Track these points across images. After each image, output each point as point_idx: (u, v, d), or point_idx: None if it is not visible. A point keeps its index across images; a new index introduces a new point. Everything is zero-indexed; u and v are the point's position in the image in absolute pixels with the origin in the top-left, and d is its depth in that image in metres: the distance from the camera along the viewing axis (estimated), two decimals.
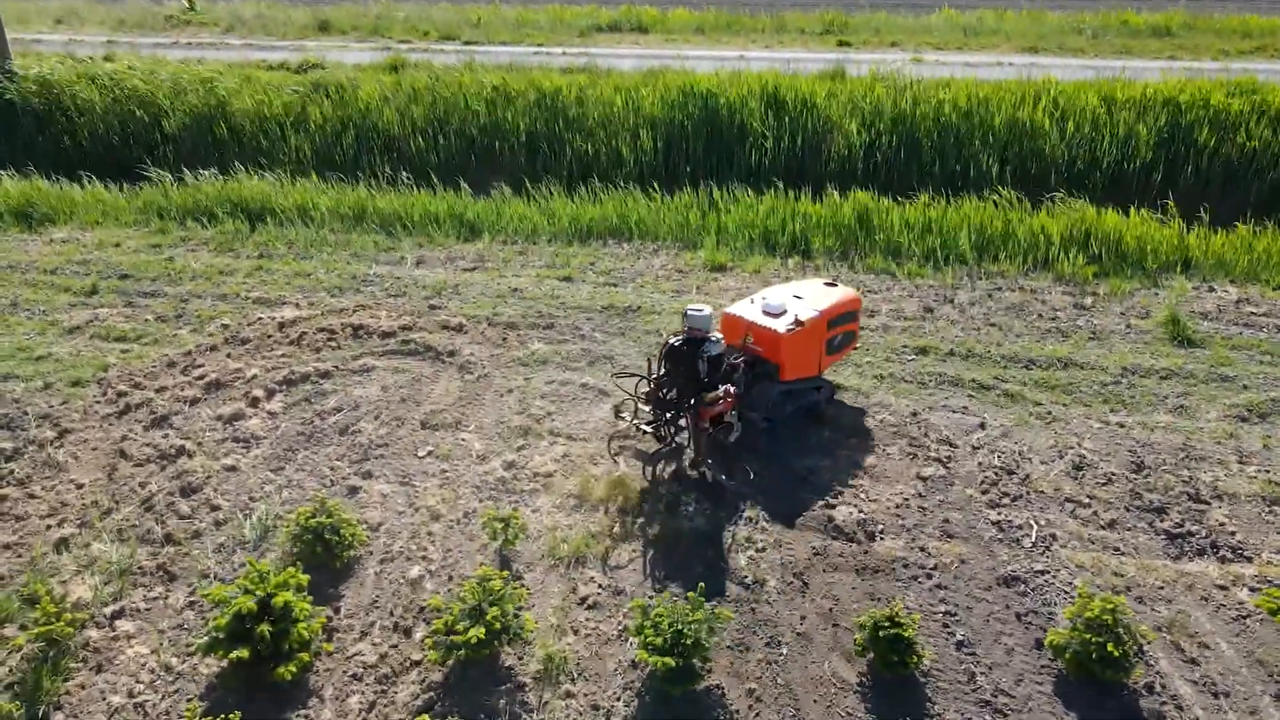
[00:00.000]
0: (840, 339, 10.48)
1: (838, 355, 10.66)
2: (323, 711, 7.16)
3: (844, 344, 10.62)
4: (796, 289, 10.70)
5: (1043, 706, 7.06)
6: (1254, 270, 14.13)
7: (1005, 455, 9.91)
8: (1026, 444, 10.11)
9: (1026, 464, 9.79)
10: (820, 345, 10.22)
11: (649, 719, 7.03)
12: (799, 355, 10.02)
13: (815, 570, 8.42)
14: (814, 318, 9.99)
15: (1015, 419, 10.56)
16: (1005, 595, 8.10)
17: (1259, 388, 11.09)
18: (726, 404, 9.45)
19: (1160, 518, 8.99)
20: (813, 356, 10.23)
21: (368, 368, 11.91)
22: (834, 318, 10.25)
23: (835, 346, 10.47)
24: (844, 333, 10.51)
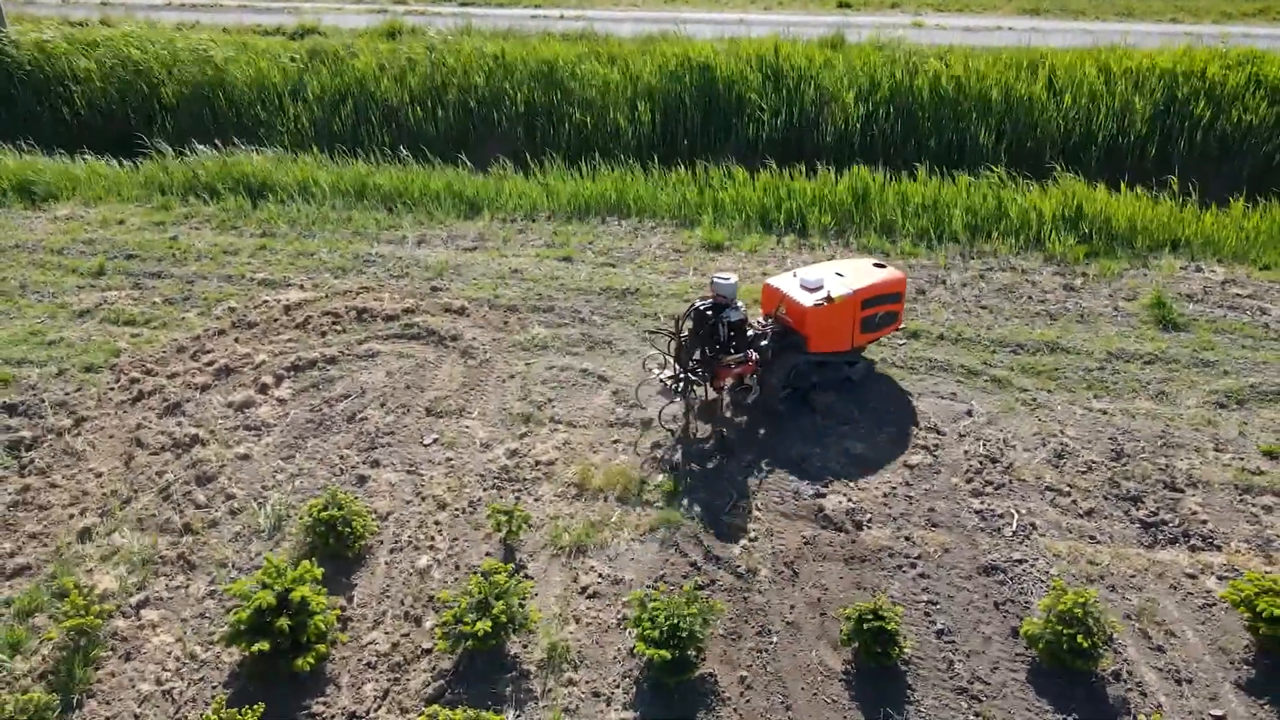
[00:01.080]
0: (879, 318, 10.80)
1: (876, 334, 11.02)
2: (340, 699, 7.63)
3: (883, 324, 10.93)
4: (841, 266, 11.05)
5: (1016, 694, 7.52)
6: (1243, 249, 14.36)
7: (991, 443, 10.27)
8: (1011, 431, 10.47)
9: (1011, 452, 10.16)
10: (852, 323, 10.59)
11: (647, 706, 7.49)
12: (827, 330, 10.44)
13: (805, 559, 8.84)
14: (846, 296, 10.37)
15: (1001, 406, 10.90)
16: (985, 584, 8.53)
17: (1239, 373, 11.42)
18: (745, 368, 10.21)
19: (1136, 506, 9.39)
20: (844, 333, 10.61)
21: (373, 353, 12.22)
22: (870, 298, 10.59)
23: (873, 325, 10.81)
24: (883, 313, 10.82)
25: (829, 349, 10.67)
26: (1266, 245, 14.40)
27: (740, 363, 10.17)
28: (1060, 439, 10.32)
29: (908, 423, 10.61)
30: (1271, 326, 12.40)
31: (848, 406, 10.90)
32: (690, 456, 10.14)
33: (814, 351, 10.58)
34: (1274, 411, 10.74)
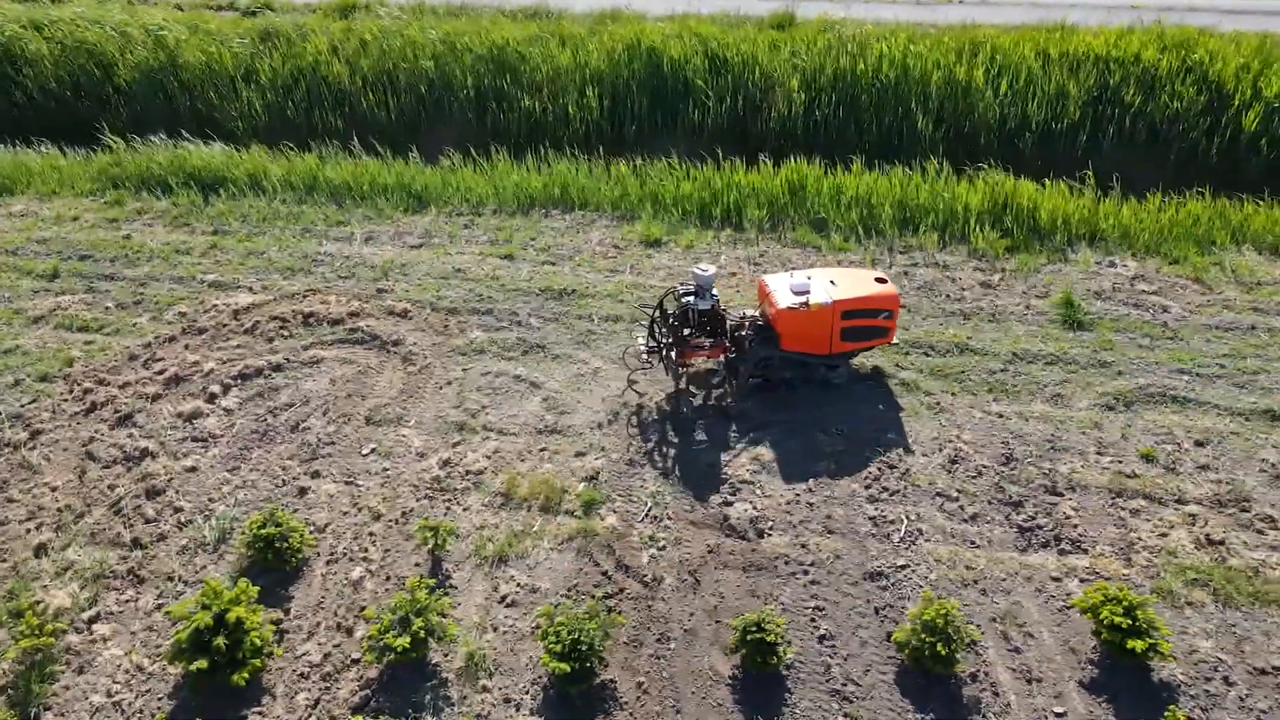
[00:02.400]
0: (861, 331, 11.41)
1: (861, 344, 11.61)
2: (274, 708, 8.41)
3: (867, 336, 11.50)
4: (838, 275, 11.67)
5: (883, 695, 8.38)
6: (1156, 243, 14.97)
7: (891, 449, 11.01)
8: (913, 436, 11.21)
9: (909, 457, 10.91)
10: (830, 330, 11.28)
11: (552, 711, 8.30)
12: (800, 332, 11.25)
13: (708, 568, 9.62)
14: (824, 304, 11.09)
15: (908, 410, 11.62)
16: (868, 590, 9.34)
17: (1131, 374, 12.15)
18: (712, 352, 11.55)
19: (1016, 511, 10.19)
20: (820, 337, 11.34)
21: (317, 359, 12.80)
22: (852, 310, 11.22)
23: (856, 336, 11.44)
24: (867, 326, 11.40)
25: (804, 350, 11.45)
26: (1180, 239, 15.02)
27: (706, 347, 11.47)
28: (956, 444, 11.06)
29: (817, 428, 11.31)
30: (1170, 325, 13.11)
31: (763, 411, 11.59)
32: (611, 466, 10.85)
33: (788, 349, 11.40)
34: (1157, 413, 11.50)
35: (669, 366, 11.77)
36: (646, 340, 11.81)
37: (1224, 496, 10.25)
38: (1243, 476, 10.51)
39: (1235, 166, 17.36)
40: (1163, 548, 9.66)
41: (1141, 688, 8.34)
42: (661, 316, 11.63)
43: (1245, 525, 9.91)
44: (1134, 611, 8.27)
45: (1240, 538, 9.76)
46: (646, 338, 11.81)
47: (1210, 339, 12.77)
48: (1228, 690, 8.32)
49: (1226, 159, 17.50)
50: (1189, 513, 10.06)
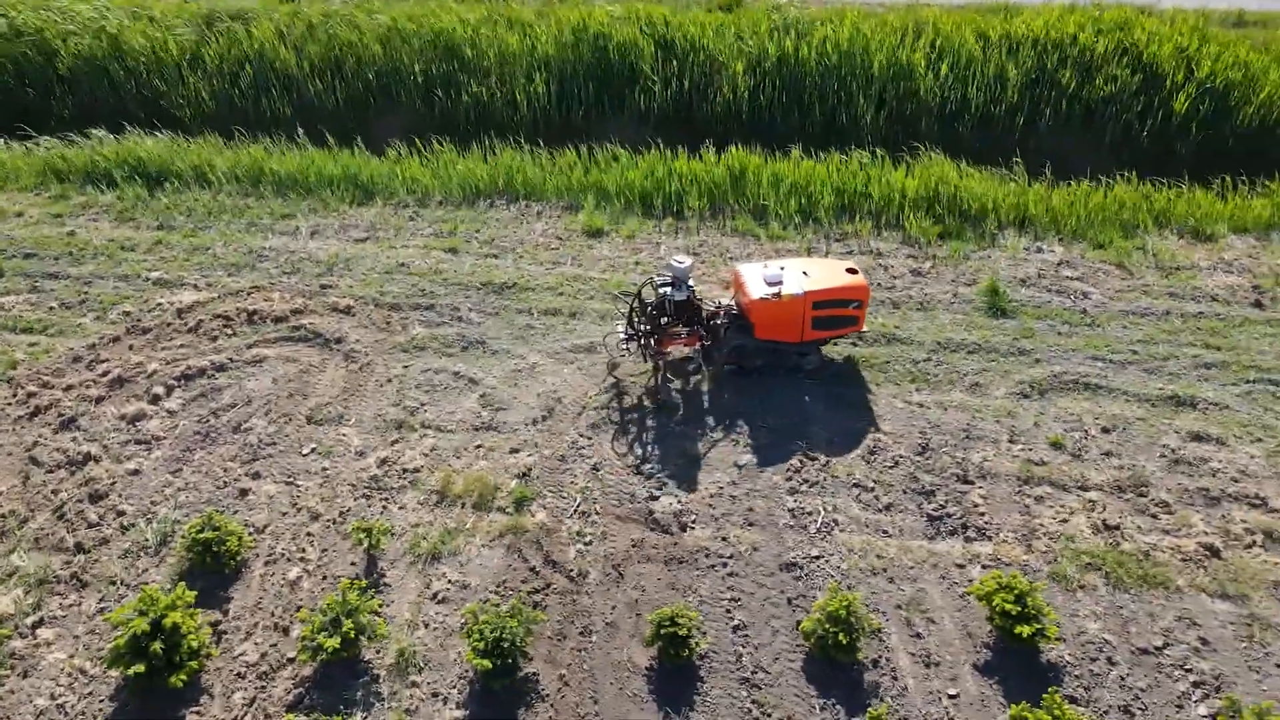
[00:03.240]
0: (831, 320, 11.85)
1: (832, 333, 12.07)
2: (212, 708, 8.82)
3: (839, 325, 11.96)
4: (811, 265, 12.10)
5: (790, 681, 8.89)
6: (1084, 228, 15.40)
7: (814, 441, 11.46)
8: (836, 427, 11.65)
9: (831, 449, 11.36)
10: (801, 319, 11.73)
11: (477, 705, 8.76)
12: (771, 320, 11.73)
13: (631, 562, 10.06)
14: (795, 295, 11.53)
15: (832, 401, 12.04)
16: (783, 580, 9.83)
17: (1048, 361, 12.63)
18: (687, 341, 12.09)
19: (928, 500, 10.68)
20: (792, 326, 11.80)
21: (260, 358, 13.04)
22: (822, 300, 11.67)
23: (826, 325, 11.88)
24: (836, 315, 11.84)
25: (777, 338, 11.92)
26: (1105, 223, 15.46)
27: (678, 334, 12.00)
28: (876, 435, 11.52)
29: (745, 421, 11.73)
30: (1089, 311, 13.58)
31: (693, 404, 12.00)
32: (543, 462, 11.23)
33: (760, 338, 11.89)
34: (1070, 400, 12.01)
35: (647, 354, 12.18)
36: (625, 328, 12.18)
37: (1124, 482, 10.79)
38: (1144, 462, 11.04)
39: (1167, 149, 17.78)
40: (1062, 533, 10.20)
41: (1030, 669, 8.89)
42: (640, 305, 11.99)
43: (1141, 510, 10.47)
44: (1024, 598, 8.80)
45: (1135, 522, 10.31)
46: (625, 326, 12.18)
47: (1126, 325, 13.27)
48: (1110, 670, 8.90)
49: (1159, 141, 17.91)
50: (1090, 499, 10.60)
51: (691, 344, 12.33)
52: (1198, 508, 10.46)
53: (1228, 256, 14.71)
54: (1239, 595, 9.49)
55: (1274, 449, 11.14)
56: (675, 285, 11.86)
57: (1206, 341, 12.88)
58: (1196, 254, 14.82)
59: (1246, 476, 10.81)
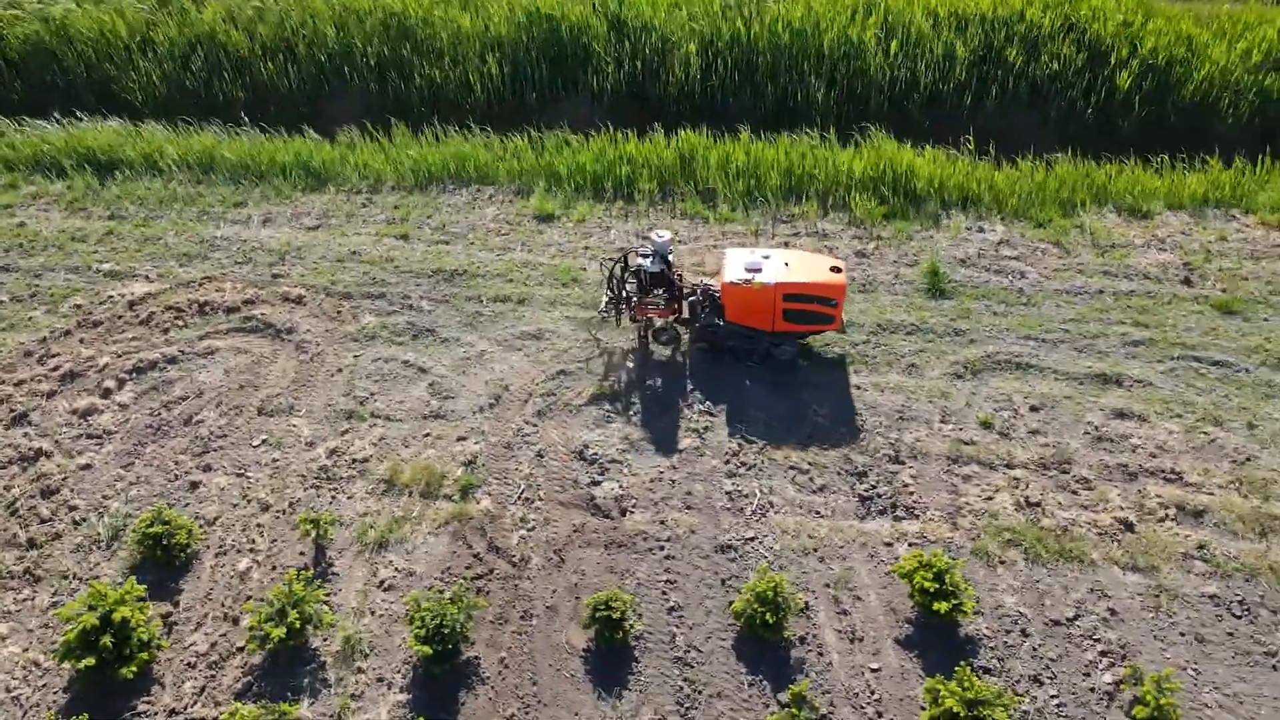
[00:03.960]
0: (803, 314, 11.98)
1: (805, 327, 12.17)
2: (163, 697, 9.12)
3: (812, 320, 12.05)
4: (796, 258, 12.20)
5: (721, 659, 9.30)
6: (1025, 207, 15.71)
7: (753, 424, 11.79)
8: (775, 410, 11.98)
9: (769, 432, 11.70)
10: (772, 309, 11.94)
11: (419, 689, 9.11)
12: (740, 305, 12.02)
13: (572, 546, 10.40)
14: (766, 285, 11.76)
15: (774, 384, 12.37)
16: (718, 562, 10.21)
17: (983, 341, 13.01)
18: (660, 312, 12.33)
19: (860, 481, 11.07)
20: (763, 314, 12.05)
21: (212, 349, 13.20)
22: (793, 294, 11.82)
23: (796, 318, 12.03)
24: (809, 311, 11.94)
25: (747, 323, 12.20)
26: (1046, 202, 15.78)
27: (656, 307, 12.33)
28: (814, 417, 11.87)
29: (687, 405, 12.04)
30: (1025, 291, 13.95)
31: (639, 389, 12.29)
32: (489, 449, 11.51)
33: (731, 321, 12.18)
34: (1001, 380, 12.40)
35: (629, 317, 12.61)
36: (606, 293, 12.52)
37: (1048, 460, 11.22)
38: (1068, 440, 11.48)
39: (1111, 125, 18.08)
40: (986, 511, 10.63)
41: (949, 642, 9.35)
42: (621, 271, 12.36)
43: (1063, 487, 10.91)
44: (943, 576, 9.22)
45: (1056, 499, 10.76)
46: (606, 291, 12.52)
47: (1060, 304, 13.65)
48: (1024, 641, 9.37)
49: (1103, 118, 18.20)
50: (1014, 477, 11.03)
51: (664, 316, 12.58)
52: (1116, 483, 10.91)
53: (1161, 234, 15.10)
54: (1149, 567, 9.97)
55: (1192, 424, 11.59)
56: (652, 257, 12.17)
57: (1136, 319, 13.29)
58: (1132, 231, 15.20)
59: (1164, 452, 11.26)
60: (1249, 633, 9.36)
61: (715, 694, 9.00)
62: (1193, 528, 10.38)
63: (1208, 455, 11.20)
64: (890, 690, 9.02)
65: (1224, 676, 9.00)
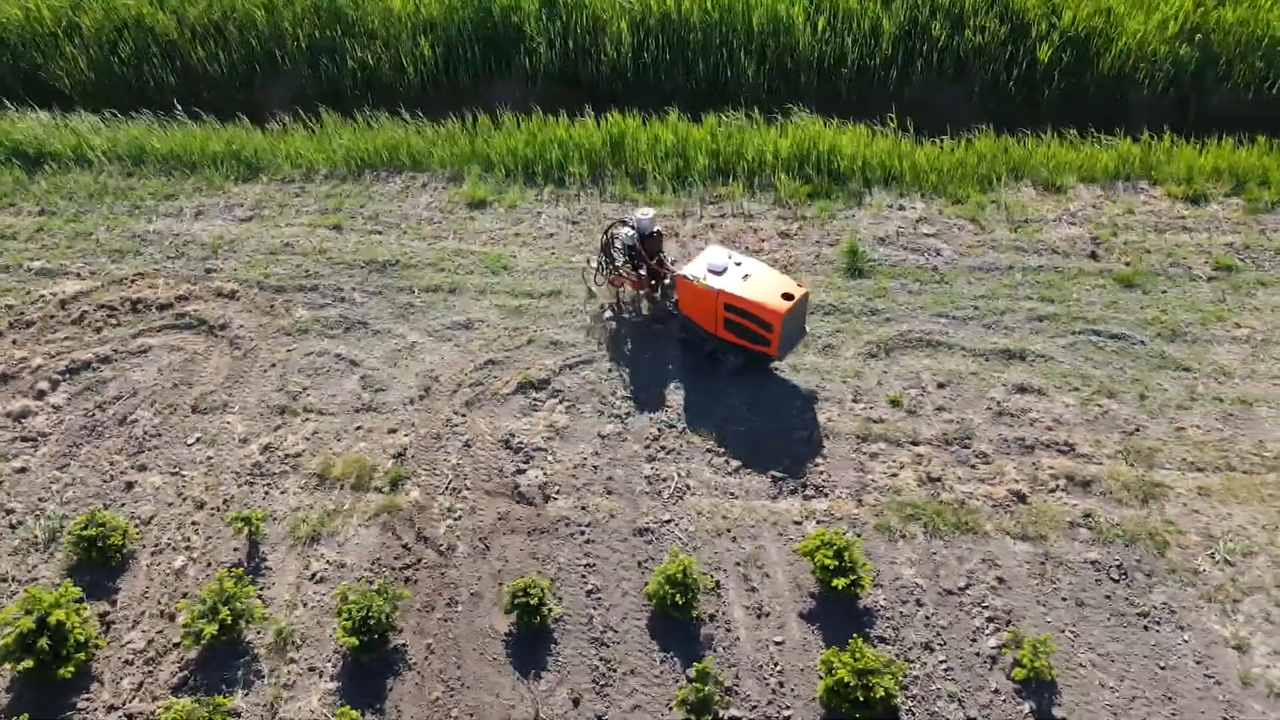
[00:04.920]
0: (742, 329, 11.93)
1: (741, 341, 12.05)
2: (101, 694, 9.54)
3: (748, 337, 11.95)
4: (762, 271, 12.07)
5: (635, 638, 9.87)
6: (944, 183, 16.17)
7: (671, 409, 12.27)
8: (695, 396, 12.46)
9: (688, 416, 12.19)
10: (714, 313, 12.09)
11: (349, 677, 9.60)
12: (688, 300, 12.45)
13: (497, 534, 10.89)
14: (710, 289, 11.94)
15: (694, 370, 12.82)
16: (635, 545, 10.74)
17: (897, 320, 13.53)
18: (632, 284, 13.19)
19: (774, 462, 11.61)
20: (707, 316, 12.30)
21: (145, 348, 13.41)
22: (732, 305, 11.77)
23: (735, 330, 12.04)
24: (746, 327, 11.85)
25: (695, 320, 12.54)
26: (964, 178, 16.25)
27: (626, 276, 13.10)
28: (732, 401, 12.36)
29: (611, 392, 12.49)
30: (940, 269, 14.47)
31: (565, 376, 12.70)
32: (419, 440, 11.91)
33: (682, 313, 12.68)
34: (912, 358, 12.95)
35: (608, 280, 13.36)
36: (598, 257, 13.32)
37: (951, 435, 11.83)
38: (971, 415, 12.08)
39: (1032, 99, 18.53)
40: (890, 487, 11.23)
41: (848, 615, 9.98)
42: (607, 241, 13.03)
43: (963, 462, 11.53)
44: (842, 553, 9.82)
45: (956, 473, 11.38)
46: (599, 255, 13.26)
47: (971, 281, 14.20)
48: (918, 611, 10.03)
49: (1025, 90, 18.63)
50: (919, 453, 11.63)
51: (637, 288, 13.27)
52: (1013, 457, 11.56)
53: (1074, 208, 15.66)
54: (1038, 536, 10.65)
55: (1087, 397, 12.24)
56: (633, 232, 12.67)
57: (1042, 295, 13.88)
58: (1046, 206, 15.74)
59: (1060, 425, 11.92)
60: (1125, 595, 10.08)
61: (629, 671, 9.58)
62: (1081, 497, 11.05)
63: (1100, 427, 11.86)
64: (792, 661, 9.65)
65: (1099, 637, 9.72)
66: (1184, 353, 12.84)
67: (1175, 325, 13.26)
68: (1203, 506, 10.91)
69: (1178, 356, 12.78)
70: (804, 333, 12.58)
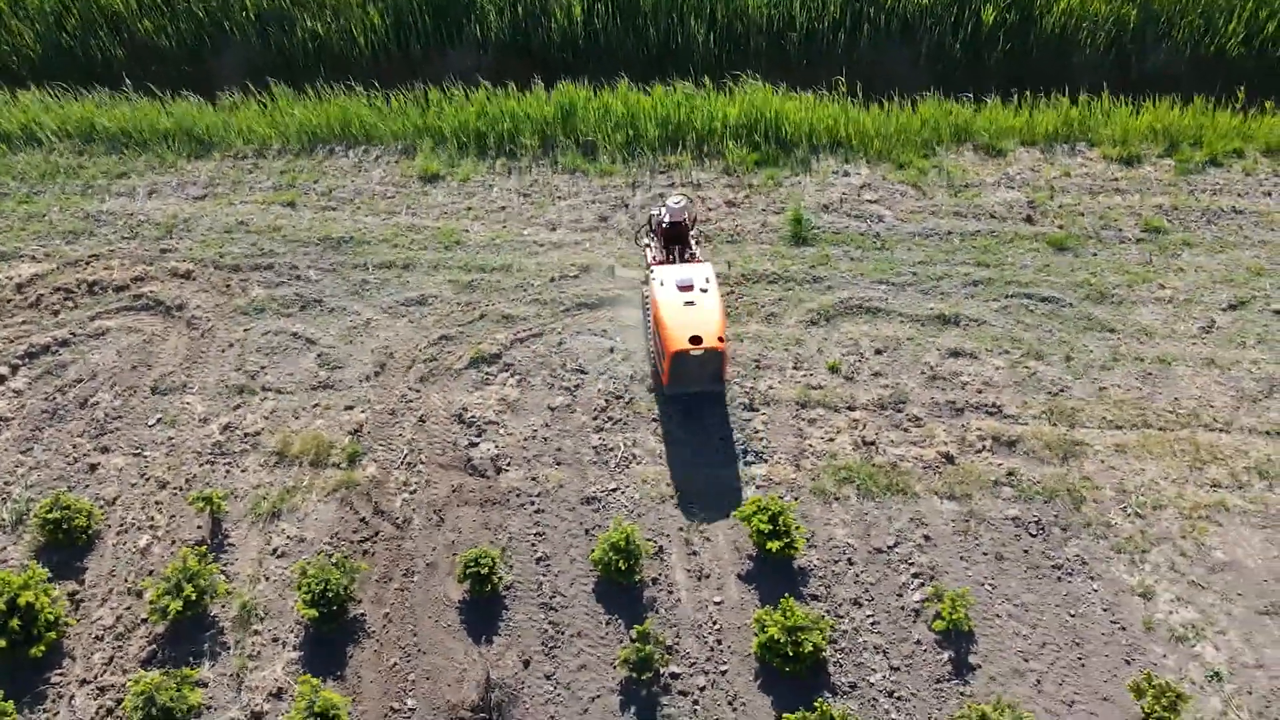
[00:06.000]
0: (654, 339, 12.10)
1: (659, 358, 11.99)
2: (74, 669, 10.01)
3: (656, 349, 12.06)
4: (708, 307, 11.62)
5: (582, 603, 10.44)
6: (888, 149, 16.53)
7: (619, 380, 12.73)
8: (638, 366, 12.90)
9: (636, 386, 12.66)
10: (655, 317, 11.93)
11: (310, 647, 10.12)
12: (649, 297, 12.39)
13: (451, 506, 11.37)
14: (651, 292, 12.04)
15: (639, 341, 13.26)
16: (583, 513, 11.26)
17: (838, 288, 13.99)
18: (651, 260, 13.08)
19: (718, 429, 12.12)
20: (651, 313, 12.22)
21: (103, 330, 13.64)
22: (655, 318, 11.83)
23: (652, 338, 12.36)
24: (656, 340, 11.95)
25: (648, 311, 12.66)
26: (908, 143, 16.62)
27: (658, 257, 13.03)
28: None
29: (561, 366, 12.90)
30: (882, 235, 14.91)
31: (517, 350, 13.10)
32: (375, 417, 12.31)
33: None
34: (852, 325, 13.44)
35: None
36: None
37: (886, 400, 12.38)
38: (905, 380, 12.63)
39: (977, 61, 18.82)
40: (826, 451, 11.79)
41: (783, 575, 10.59)
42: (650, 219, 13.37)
43: (896, 425, 12.10)
44: (777, 518, 10.39)
45: (889, 436, 11.96)
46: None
47: (911, 247, 14.66)
48: (849, 569, 10.66)
49: (970, 52, 18.91)
50: (854, 418, 12.18)
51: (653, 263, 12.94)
52: (944, 419, 12.14)
53: (1013, 171, 16.10)
54: (963, 495, 11.27)
55: (1016, 360, 12.82)
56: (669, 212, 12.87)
57: (978, 259, 14.37)
58: (986, 170, 16.16)
59: (989, 387, 12.50)
60: (1042, 549, 10.76)
61: (576, 634, 10.16)
62: (1006, 457, 11.68)
63: (1026, 388, 12.46)
64: (730, 620, 10.27)
65: (1015, 589, 10.41)
66: (1109, 314, 13.42)
67: (1103, 287, 13.81)
68: (1118, 463, 11.57)
69: (1104, 318, 13.36)
70: (722, 387, 12.12)
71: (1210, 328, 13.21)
